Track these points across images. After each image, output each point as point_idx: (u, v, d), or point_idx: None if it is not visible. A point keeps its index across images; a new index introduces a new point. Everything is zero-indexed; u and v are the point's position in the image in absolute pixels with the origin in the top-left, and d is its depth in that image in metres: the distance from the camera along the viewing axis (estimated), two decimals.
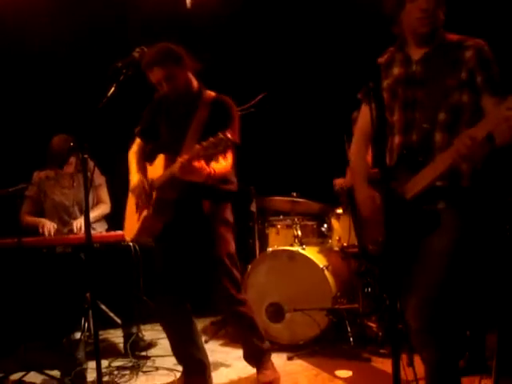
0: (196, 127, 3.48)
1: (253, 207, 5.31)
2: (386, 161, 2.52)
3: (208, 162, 3.22)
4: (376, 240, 2.71)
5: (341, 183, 4.98)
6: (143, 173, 3.64)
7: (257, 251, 5.32)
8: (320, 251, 4.98)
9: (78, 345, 4.37)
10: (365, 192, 2.80)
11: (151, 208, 3.45)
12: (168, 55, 3.43)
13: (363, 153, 2.93)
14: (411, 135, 2.63)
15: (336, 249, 4.95)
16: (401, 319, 2.64)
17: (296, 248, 4.84)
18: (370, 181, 2.80)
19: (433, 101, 2.56)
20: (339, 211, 4.95)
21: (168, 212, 3.48)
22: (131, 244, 4.47)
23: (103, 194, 4.99)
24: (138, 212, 3.58)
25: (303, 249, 4.82)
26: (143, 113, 3.77)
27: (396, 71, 2.70)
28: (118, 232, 4.39)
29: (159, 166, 3.48)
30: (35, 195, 4.90)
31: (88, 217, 3.01)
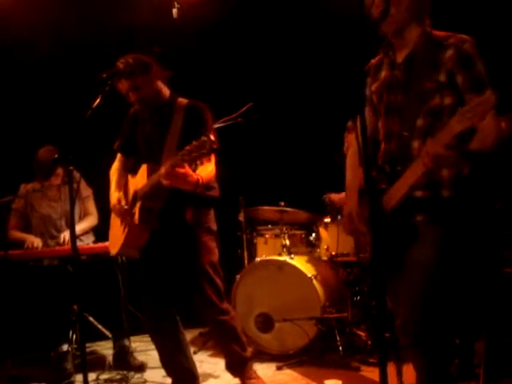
0: (173, 135, 3.47)
1: (241, 217, 5.31)
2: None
3: (193, 168, 3.20)
4: (365, 249, 2.70)
5: (334, 199, 5.04)
6: (123, 189, 3.63)
7: (245, 261, 5.31)
8: (308, 260, 4.97)
9: (66, 357, 4.35)
10: (350, 207, 2.75)
11: (136, 219, 3.43)
12: (134, 66, 3.42)
13: (356, 166, 2.82)
14: (391, 143, 2.58)
15: (324, 258, 4.95)
16: (389, 328, 2.64)
17: (284, 258, 4.83)
18: (361, 191, 2.76)
19: (412, 107, 2.49)
20: (327, 220, 4.96)
21: (153, 221, 3.45)
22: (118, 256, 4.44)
23: (90, 206, 4.96)
24: (123, 225, 3.57)
25: (291, 258, 4.81)
26: (121, 127, 3.77)
27: (383, 74, 2.65)
28: (106, 243, 4.37)
29: (142, 176, 3.47)
30: (21, 208, 4.86)
31: (74, 228, 3.00)
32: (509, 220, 3.61)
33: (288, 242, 5.08)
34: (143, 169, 3.49)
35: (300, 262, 4.80)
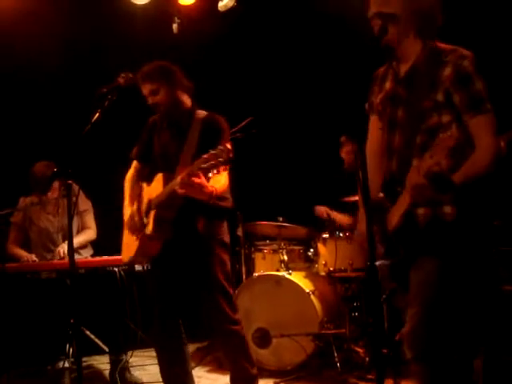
0: (190, 146, 3.47)
1: (239, 232, 5.31)
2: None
3: (208, 178, 3.17)
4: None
5: (323, 211, 5.08)
6: (137, 199, 3.62)
7: (243, 276, 5.30)
8: (306, 276, 4.96)
9: (63, 371, 4.32)
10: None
11: (150, 228, 3.41)
12: (158, 71, 3.47)
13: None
14: (392, 161, 2.55)
15: (322, 273, 4.93)
16: (387, 344, 2.63)
17: (282, 273, 4.82)
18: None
19: (412, 123, 2.47)
20: (325, 236, 4.94)
21: (167, 231, 3.43)
22: (117, 270, 4.43)
23: (89, 220, 4.94)
24: (136, 233, 3.56)
25: (289, 274, 4.80)
26: (139, 135, 3.77)
27: (387, 85, 2.62)
28: (104, 257, 4.37)
29: (158, 185, 3.46)
30: (20, 222, 4.86)
31: (72, 242, 3.00)
32: (508, 236, 3.61)
33: (286, 258, 5.07)
34: (159, 177, 3.47)
35: (298, 278, 4.79)
